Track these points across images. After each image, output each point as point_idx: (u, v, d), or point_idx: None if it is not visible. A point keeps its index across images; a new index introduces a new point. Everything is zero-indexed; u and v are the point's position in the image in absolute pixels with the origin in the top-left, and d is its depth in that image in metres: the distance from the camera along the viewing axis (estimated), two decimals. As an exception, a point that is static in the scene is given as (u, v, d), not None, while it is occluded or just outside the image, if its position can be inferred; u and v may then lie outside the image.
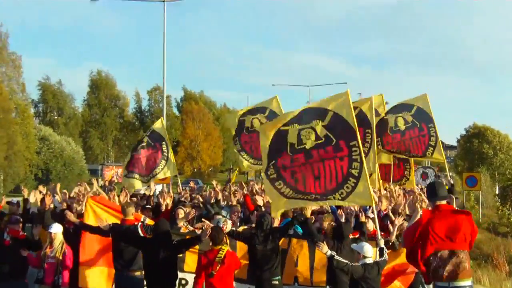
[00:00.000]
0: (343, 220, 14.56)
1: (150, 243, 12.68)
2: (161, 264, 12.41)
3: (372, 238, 14.00)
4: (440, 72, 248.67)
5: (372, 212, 15.34)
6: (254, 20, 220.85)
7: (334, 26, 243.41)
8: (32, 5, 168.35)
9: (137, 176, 22.07)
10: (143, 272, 13.21)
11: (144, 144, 22.65)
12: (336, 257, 11.98)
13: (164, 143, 22.69)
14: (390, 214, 15.78)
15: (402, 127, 23.27)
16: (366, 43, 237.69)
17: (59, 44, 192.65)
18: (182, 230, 14.88)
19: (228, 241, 12.93)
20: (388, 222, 14.93)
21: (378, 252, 12.85)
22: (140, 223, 13.43)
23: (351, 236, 13.75)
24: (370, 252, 12.12)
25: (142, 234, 13.13)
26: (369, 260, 12.02)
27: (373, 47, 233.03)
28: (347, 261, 11.88)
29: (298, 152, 14.03)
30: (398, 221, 14.59)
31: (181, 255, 13.72)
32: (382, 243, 13.17)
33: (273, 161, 14.36)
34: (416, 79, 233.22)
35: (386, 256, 12.73)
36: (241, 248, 14.33)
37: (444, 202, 10.50)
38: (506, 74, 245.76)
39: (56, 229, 13.91)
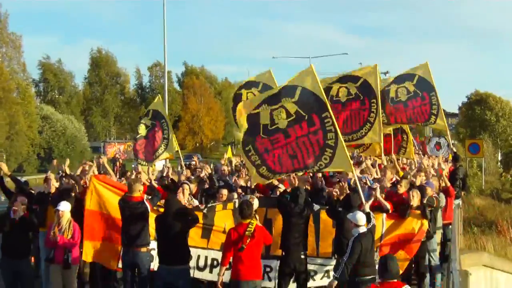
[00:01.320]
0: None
1: (164, 218, 12.72)
2: (174, 239, 12.51)
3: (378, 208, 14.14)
4: (441, 41, 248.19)
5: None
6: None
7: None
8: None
9: (143, 162, 22.14)
10: (149, 248, 13.32)
11: (150, 127, 22.68)
12: (336, 275, 12.06)
13: (163, 121, 22.73)
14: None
15: (404, 98, 23.15)
16: (366, 13, 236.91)
17: (59, 23, 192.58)
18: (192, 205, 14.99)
19: (257, 216, 12.71)
20: (402, 191, 15.07)
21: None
22: (145, 199, 13.50)
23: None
24: (362, 221, 12.14)
25: (150, 211, 13.31)
26: (362, 229, 12.04)
27: (373, 17, 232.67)
28: (343, 266, 11.85)
29: (274, 132, 14.14)
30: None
31: None
32: (367, 207, 13.40)
33: (251, 147, 14.47)
34: (417, 48, 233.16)
35: (373, 221, 12.89)
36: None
37: (395, 280, 9.50)
38: (507, 41, 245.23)
39: (64, 207, 13.85)
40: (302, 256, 13.27)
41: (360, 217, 12.12)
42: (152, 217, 13.28)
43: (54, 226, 13.82)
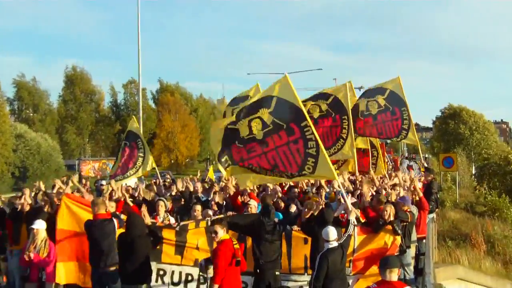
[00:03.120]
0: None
1: (125, 237, 12.67)
2: (135, 258, 12.45)
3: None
4: (415, 57, 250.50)
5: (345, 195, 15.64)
6: (227, 12, 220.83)
7: (309, 15, 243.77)
8: (4, 3, 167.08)
9: (120, 177, 22.17)
10: (117, 267, 13.15)
11: (123, 146, 23.12)
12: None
13: (139, 140, 22.84)
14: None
15: (374, 111, 23.30)
16: (342, 31, 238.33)
17: (33, 41, 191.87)
18: (164, 222, 15.05)
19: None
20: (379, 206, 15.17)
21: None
22: (114, 218, 13.46)
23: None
24: (332, 236, 12.11)
25: (117, 228, 13.22)
26: (332, 244, 12.03)
27: (348, 34, 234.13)
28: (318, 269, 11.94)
29: (250, 141, 14.27)
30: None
31: (158, 246, 13.75)
32: (352, 215, 13.62)
33: (228, 157, 14.58)
34: (392, 63, 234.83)
35: (350, 231, 13.13)
36: None
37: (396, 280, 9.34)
38: (481, 56, 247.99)
39: (39, 225, 13.85)
40: (277, 273, 13.28)
41: (329, 232, 12.09)
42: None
43: (29, 245, 13.78)
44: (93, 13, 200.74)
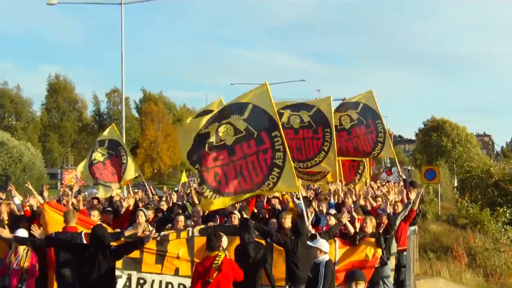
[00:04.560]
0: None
1: (87, 249, 11.96)
2: (97, 271, 11.67)
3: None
4: (398, 68, 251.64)
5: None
6: (210, 21, 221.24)
7: (289, 24, 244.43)
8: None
9: (106, 183, 22.07)
10: None
11: (107, 156, 22.71)
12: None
13: (120, 148, 22.74)
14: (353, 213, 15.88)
15: (347, 125, 23.38)
16: (323, 40, 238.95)
17: (16, 49, 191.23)
18: (145, 233, 14.84)
19: (225, 248, 12.20)
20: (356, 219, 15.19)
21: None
22: (83, 232, 13.33)
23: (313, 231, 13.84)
24: (328, 247, 12.17)
25: (85, 242, 12.87)
26: (327, 256, 11.98)
27: (330, 44, 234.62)
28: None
29: (219, 149, 14.20)
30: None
31: (138, 256, 13.55)
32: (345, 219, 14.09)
33: (196, 164, 14.47)
34: (374, 74, 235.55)
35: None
36: None
37: None
38: (464, 67, 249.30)
39: (21, 234, 13.70)
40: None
41: (326, 244, 12.05)
42: None
43: (10, 254, 13.65)
44: (76, 19, 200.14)
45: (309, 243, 12.17)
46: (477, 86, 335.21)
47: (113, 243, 12.83)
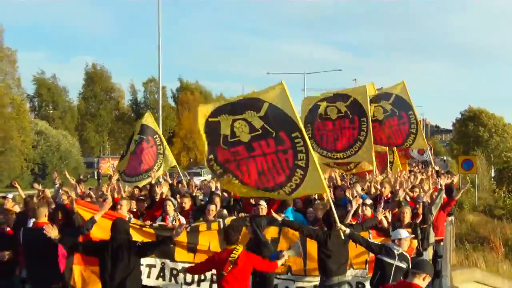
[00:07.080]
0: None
1: (109, 245, 11.59)
2: (120, 267, 11.39)
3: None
4: (436, 59, 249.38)
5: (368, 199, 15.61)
6: (247, 13, 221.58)
7: (324, 15, 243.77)
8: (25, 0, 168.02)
9: (136, 178, 21.97)
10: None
11: (138, 141, 22.47)
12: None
13: (156, 136, 22.56)
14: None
15: (380, 117, 23.22)
16: (361, 32, 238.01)
17: (53, 38, 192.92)
18: (175, 223, 14.70)
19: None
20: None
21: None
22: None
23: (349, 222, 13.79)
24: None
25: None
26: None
27: (368, 35, 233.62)
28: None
29: (235, 145, 13.87)
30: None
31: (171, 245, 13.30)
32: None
33: (213, 156, 14.33)
34: (412, 66, 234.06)
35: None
36: None
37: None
38: (500, 58, 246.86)
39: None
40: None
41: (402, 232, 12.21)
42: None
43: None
44: (109, 12, 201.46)
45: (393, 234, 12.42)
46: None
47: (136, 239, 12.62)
